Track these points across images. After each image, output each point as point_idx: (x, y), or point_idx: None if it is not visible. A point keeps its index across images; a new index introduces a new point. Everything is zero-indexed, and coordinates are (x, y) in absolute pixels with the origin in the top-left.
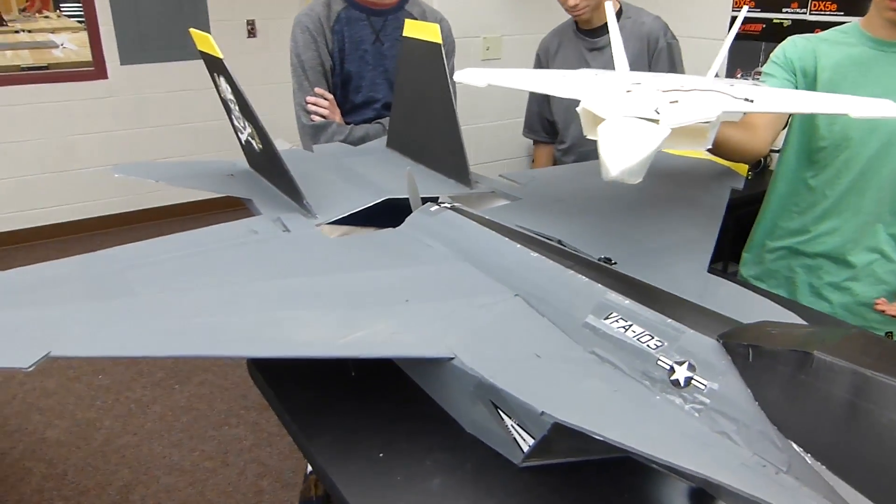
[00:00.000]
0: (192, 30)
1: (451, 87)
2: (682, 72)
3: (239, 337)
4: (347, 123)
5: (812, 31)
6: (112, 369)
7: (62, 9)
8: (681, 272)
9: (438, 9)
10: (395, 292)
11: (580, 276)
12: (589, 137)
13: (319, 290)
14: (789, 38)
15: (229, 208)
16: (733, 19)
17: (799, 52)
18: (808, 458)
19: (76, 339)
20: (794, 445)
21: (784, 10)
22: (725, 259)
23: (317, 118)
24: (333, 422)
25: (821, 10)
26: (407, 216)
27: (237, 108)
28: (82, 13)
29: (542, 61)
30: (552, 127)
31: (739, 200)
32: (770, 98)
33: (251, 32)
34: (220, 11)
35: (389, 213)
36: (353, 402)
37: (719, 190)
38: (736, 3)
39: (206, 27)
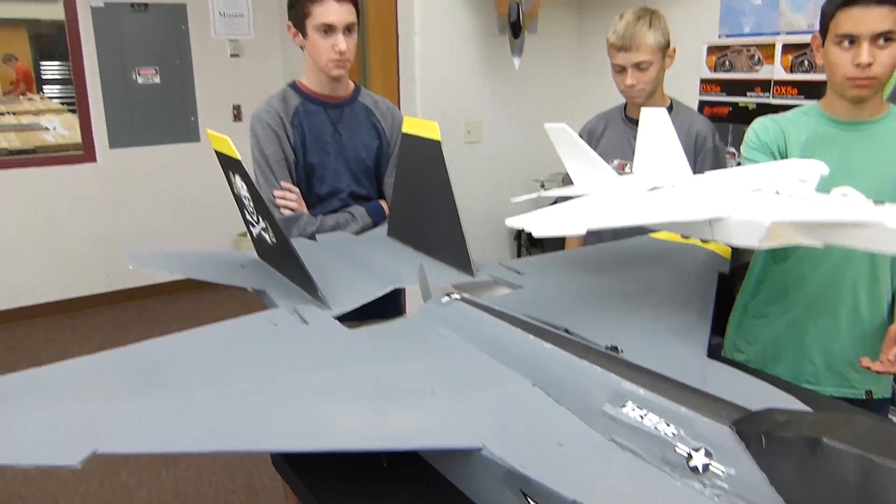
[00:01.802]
0: (208, 131)
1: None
2: None
3: (278, 432)
4: (314, 215)
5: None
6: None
7: (45, 91)
8: (683, 357)
9: (421, 94)
10: (419, 384)
11: (594, 366)
12: (766, 246)
13: (347, 383)
14: (757, 120)
15: (211, 289)
16: (701, 104)
17: (771, 135)
18: None
19: (119, 435)
20: None
21: (748, 93)
22: None
23: (286, 211)
24: None
25: (783, 95)
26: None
27: (251, 204)
28: (66, 96)
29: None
30: None
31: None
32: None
33: (237, 116)
34: (208, 97)
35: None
36: (380, 490)
37: (708, 274)
38: (703, 88)
39: (195, 111)
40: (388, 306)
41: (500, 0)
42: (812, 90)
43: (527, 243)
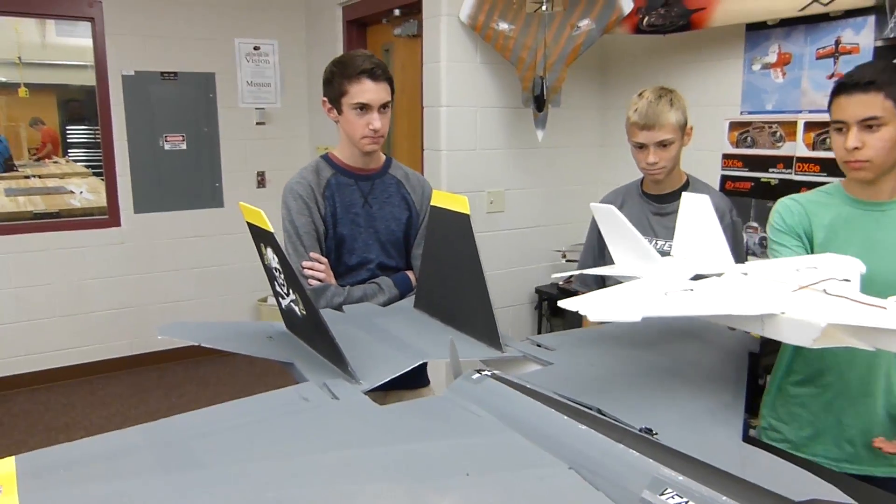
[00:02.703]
0: (241, 204)
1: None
2: (744, 248)
3: None
4: (342, 285)
5: (798, 190)
6: None
7: (70, 155)
8: (718, 441)
9: (445, 164)
10: (454, 465)
11: (631, 450)
12: (817, 345)
13: (380, 462)
14: (780, 201)
15: (230, 354)
16: (723, 178)
17: (796, 218)
18: None
19: None
20: None
21: (770, 169)
22: None
23: (314, 282)
24: None
25: (805, 171)
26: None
27: (282, 276)
28: (91, 159)
29: None
30: (605, 284)
31: None
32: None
33: (261, 183)
34: (233, 163)
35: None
36: None
37: (740, 352)
38: (725, 163)
39: (220, 177)
40: (413, 375)
41: (525, 75)
42: (835, 167)
43: (548, 313)
